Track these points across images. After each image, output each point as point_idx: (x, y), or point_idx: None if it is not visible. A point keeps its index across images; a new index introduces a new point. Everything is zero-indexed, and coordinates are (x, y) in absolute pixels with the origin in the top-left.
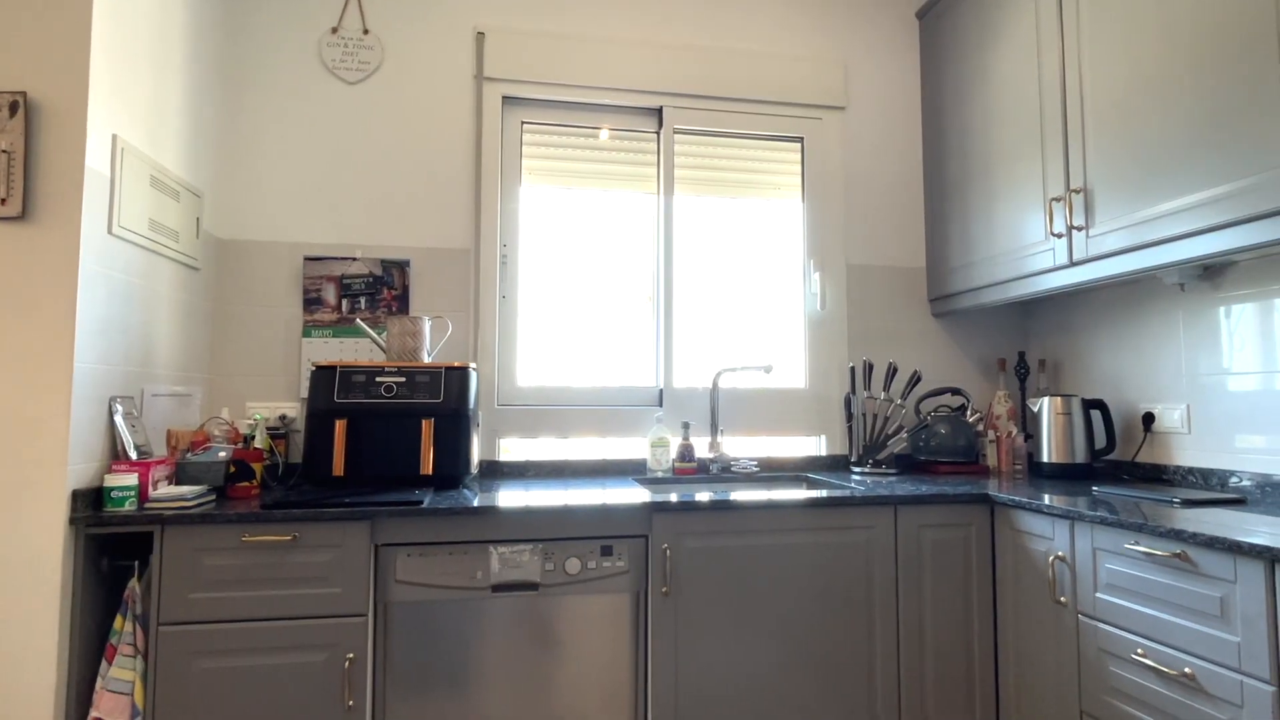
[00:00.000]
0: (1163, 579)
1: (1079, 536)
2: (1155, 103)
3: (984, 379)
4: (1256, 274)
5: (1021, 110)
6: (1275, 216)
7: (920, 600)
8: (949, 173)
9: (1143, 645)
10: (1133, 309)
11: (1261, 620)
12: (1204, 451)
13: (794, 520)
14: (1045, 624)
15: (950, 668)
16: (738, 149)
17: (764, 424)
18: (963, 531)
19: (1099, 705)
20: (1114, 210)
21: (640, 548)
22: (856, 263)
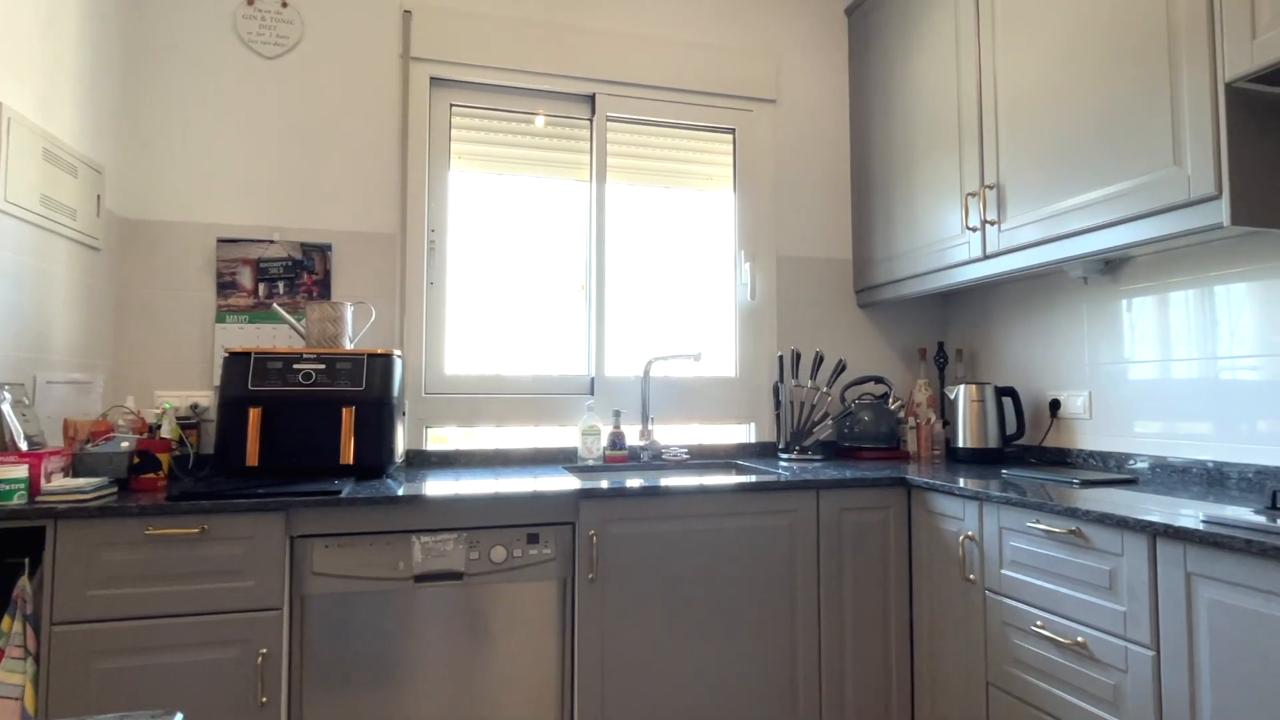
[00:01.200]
0: (1060, 555)
1: (987, 517)
2: (1060, 104)
3: (906, 368)
4: (1153, 268)
5: (941, 108)
6: (1166, 213)
7: (840, 580)
8: (874, 167)
9: (1041, 617)
10: (1042, 301)
11: (1144, 590)
12: (1104, 436)
13: (720, 505)
14: (956, 601)
15: (868, 645)
16: (671, 139)
17: (695, 412)
18: (881, 514)
19: (1002, 676)
20: (1024, 205)
21: (567, 535)
22: (786, 254)
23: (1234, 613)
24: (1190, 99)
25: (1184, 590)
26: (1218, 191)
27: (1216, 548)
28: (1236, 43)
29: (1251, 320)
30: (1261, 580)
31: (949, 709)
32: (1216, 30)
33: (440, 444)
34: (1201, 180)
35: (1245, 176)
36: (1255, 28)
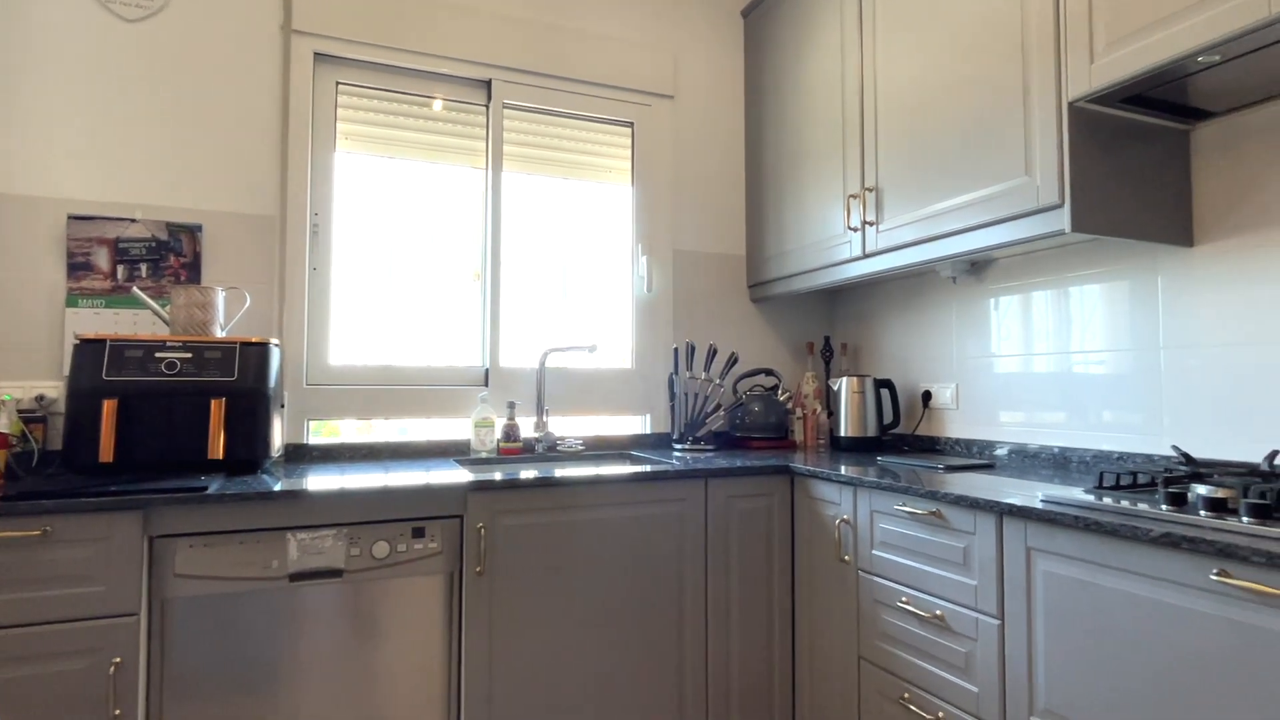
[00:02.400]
0: (923, 535)
1: (860, 501)
2: (932, 113)
3: (795, 361)
4: (1015, 270)
5: (828, 111)
6: (1020, 219)
7: (728, 565)
8: (767, 166)
9: (907, 594)
10: (916, 299)
11: (992, 565)
12: (970, 424)
13: (610, 495)
14: (832, 581)
15: (753, 627)
16: (570, 129)
17: (592, 403)
18: (766, 501)
19: (873, 650)
20: (899, 207)
21: (455, 528)
22: (683, 248)
23: (1064, 582)
24: (1039, 114)
25: (1025, 563)
26: (1061, 201)
27: (1051, 524)
28: (1078, 66)
29: (1100, 319)
30: (1086, 552)
31: (826, 685)
32: (1061, 53)
33: (325, 437)
34: (1048, 190)
35: (1085, 188)
36: (1093, 53)
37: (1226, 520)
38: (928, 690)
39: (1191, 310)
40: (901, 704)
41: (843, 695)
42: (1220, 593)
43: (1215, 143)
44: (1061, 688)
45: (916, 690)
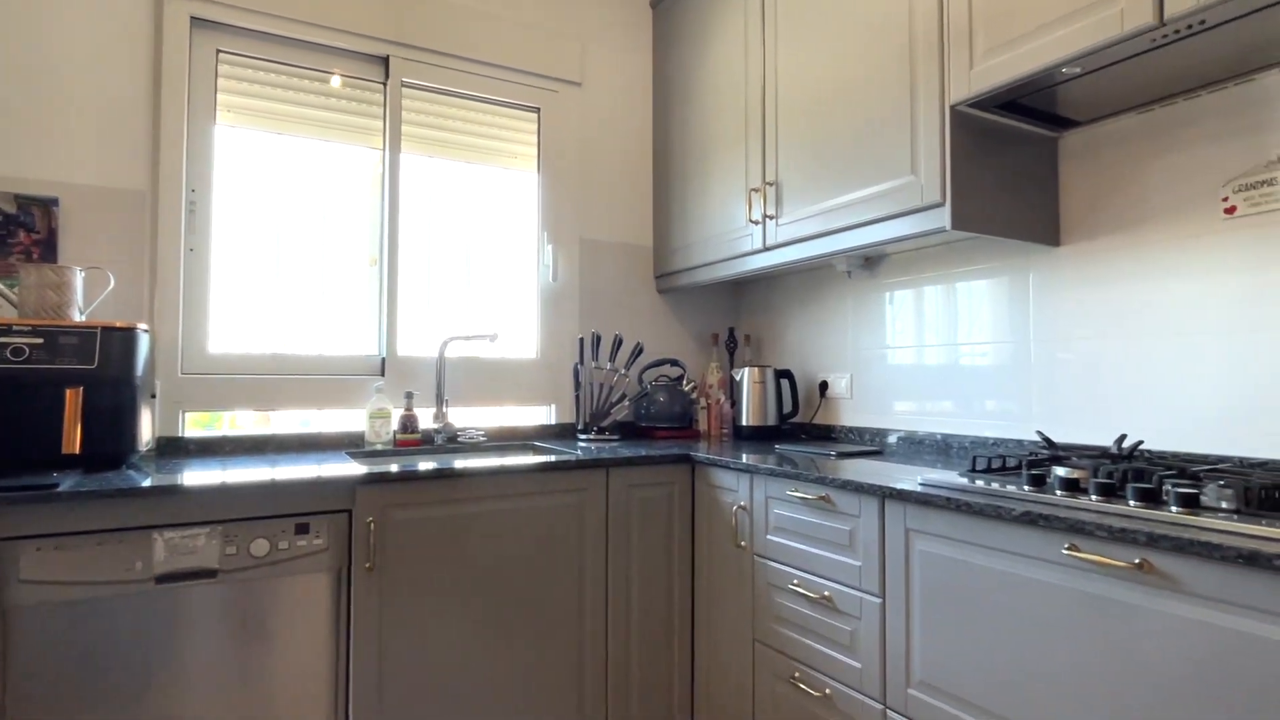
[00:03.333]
0: (813, 519)
1: (756, 488)
2: (830, 109)
3: (700, 351)
4: (907, 265)
5: (731, 106)
6: (906, 216)
7: (629, 554)
8: (673, 157)
9: (798, 576)
10: (814, 292)
11: (875, 545)
12: (863, 413)
13: (509, 486)
14: (729, 566)
15: (653, 614)
16: (474, 112)
17: (495, 393)
18: (667, 489)
19: (767, 633)
20: (798, 202)
21: (342, 523)
22: (590, 238)
23: (939, 560)
24: (924, 116)
25: (904, 543)
26: (942, 199)
27: (927, 506)
28: (958, 71)
29: (981, 313)
30: (958, 531)
31: (723, 669)
32: (945, 59)
33: (204, 429)
34: (931, 189)
35: (964, 188)
36: (973, 59)
37: (1079, 499)
38: (816, 668)
39: (1058, 306)
40: (792, 683)
41: (738, 679)
42: (1071, 565)
43: (1079, 150)
44: (935, 660)
45: (806, 669)
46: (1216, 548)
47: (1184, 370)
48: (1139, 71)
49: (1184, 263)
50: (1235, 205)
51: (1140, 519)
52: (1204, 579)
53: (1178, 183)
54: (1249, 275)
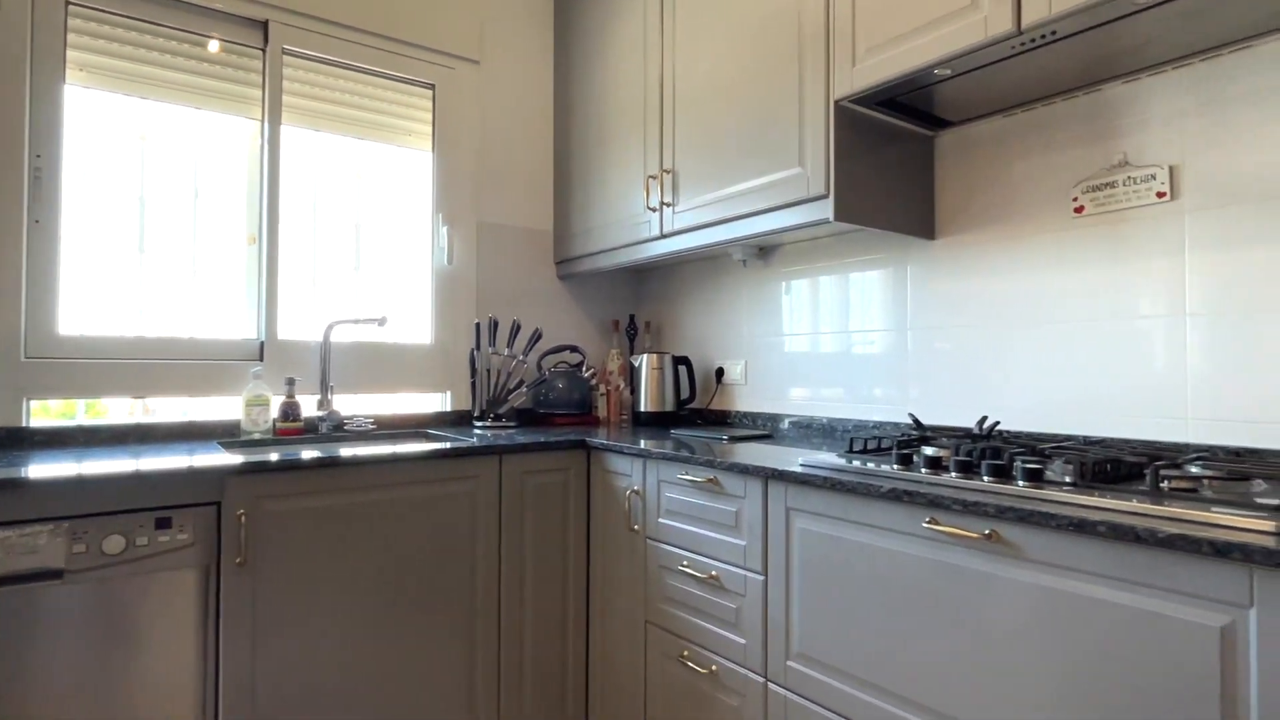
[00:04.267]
0: (702, 501)
1: (649, 472)
2: (725, 99)
3: (601, 338)
4: (800, 255)
5: (631, 92)
6: (794, 207)
7: (522, 541)
8: (574, 142)
9: (687, 558)
10: (712, 280)
11: (759, 525)
12: (758, 398)
13: (395, 475)
14: (623, 550)
15: (547, 601)
16: (365, 86)
17: (387, 380)
18: (562, 476)
19: (658, 614)
20: (693, 190)
21: (210, 517)
22: (488, 221)
23: (816, 537)
24: (810, 110)
25: (785, 522)
26: (826, 192)
27: (806, 486)
28: (842, 68)
29: (868, 303)
30: (833, 509)
31: (616, 652)
32: (830, 55)
33: (55, 419)
34: (816, 181)
35: (847, 181)
36: (855, 56)
37: (940, 476)
38: (704, 646)
39: (932, 296)
40: (681, 662)
41: (630, 661)
42: (930, 538)
43: (953, 149)
44: (812, 632)
45: (695, 647)
46: (1051, 517)
47: (1041, 357)
48: (1003, 77)
49: (1040, 257)
50: (1084, 205)
51: (991, 493)
52: (1041, 546)
53: (1036, 183)
54: (1095, 270)
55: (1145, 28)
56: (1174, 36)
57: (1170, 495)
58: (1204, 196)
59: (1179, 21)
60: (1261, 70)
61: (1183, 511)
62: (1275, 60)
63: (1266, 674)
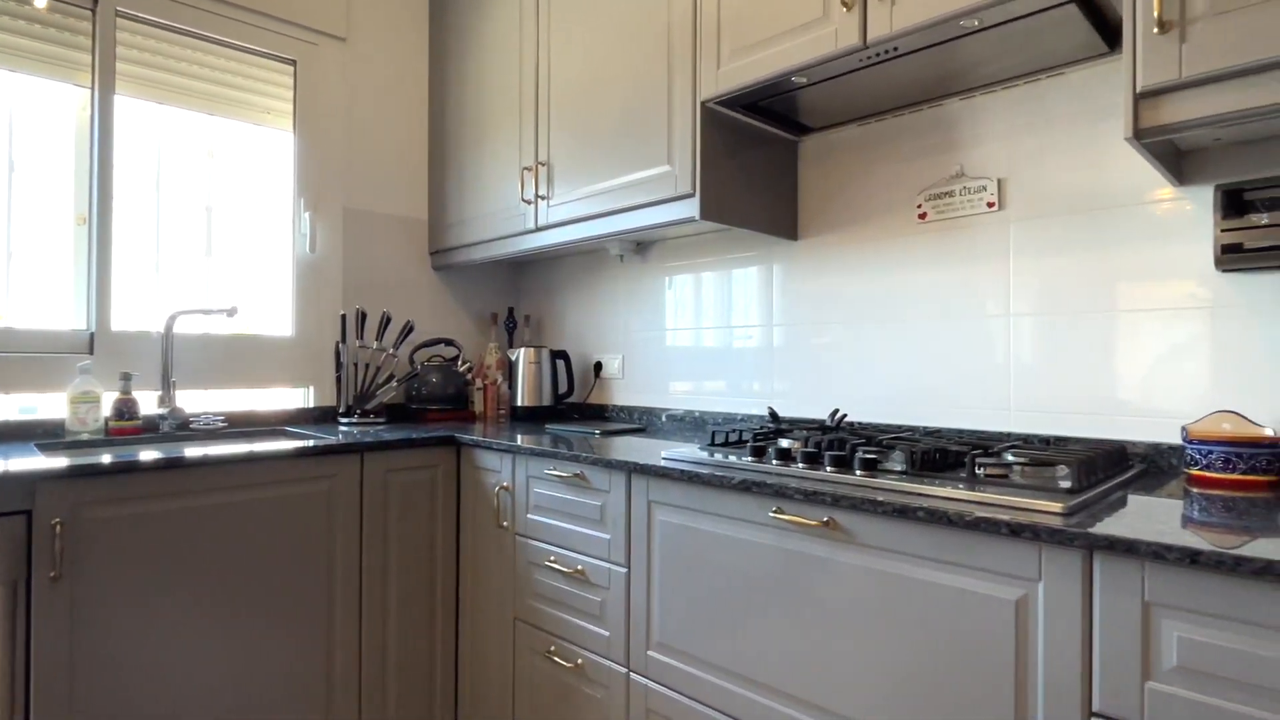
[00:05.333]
0: (569, 496)
1: (518, 467)
2: (598, 94)
3: (479, 331)
4: (675, 251)
5: (507, 82)
6: (663, 204)
7: (386, 541)
8: (450, 129)
9: (555, 553)
10: (591, 274)
11: (622, 519)
12: (635, 393)
13: (242, 476)
14: (492, 547)
15: (414, 602)
16: (217, 58)
17: (242, 375)
18: (430, 473)
19: (526, 610)
20: (568, 184)
21: (18, 527)
22: (356, 207)
23: (675, 529)
24: (678, 110)
25: (646, 515)
26: (693, 190)
27: (666, 478)
28: (708, 70)
29: (741, 299)
30: (690, 500)
31: (485, 650)
32: (697, 57)
33: None
34: (684, 180)
35: (713, 181)
36: (720, 60)
37: (789, 467)
38: (570, 640)
39: (795, 294)
40: (548, 657)
41: (499, 659)
42: (777, 527)
43: (814, 154)
44: (671, 621)
45: (561, 642)
46: (879, 504)
47: (890, 352)
48: (857, 88)
49: (891, 259)
50: (926, 212)
51: (830, 483)
52: (872, 531)
53: (887, 189)
54: (936, 272)
55: (975, 50)
56: (1000, 60)
57: (984, 481)
58: (1025, 208)
59: (1002, 46)
60: (1071, 96)
61: (989, 496)
62: (1082, 88)
63: (1050, 640)
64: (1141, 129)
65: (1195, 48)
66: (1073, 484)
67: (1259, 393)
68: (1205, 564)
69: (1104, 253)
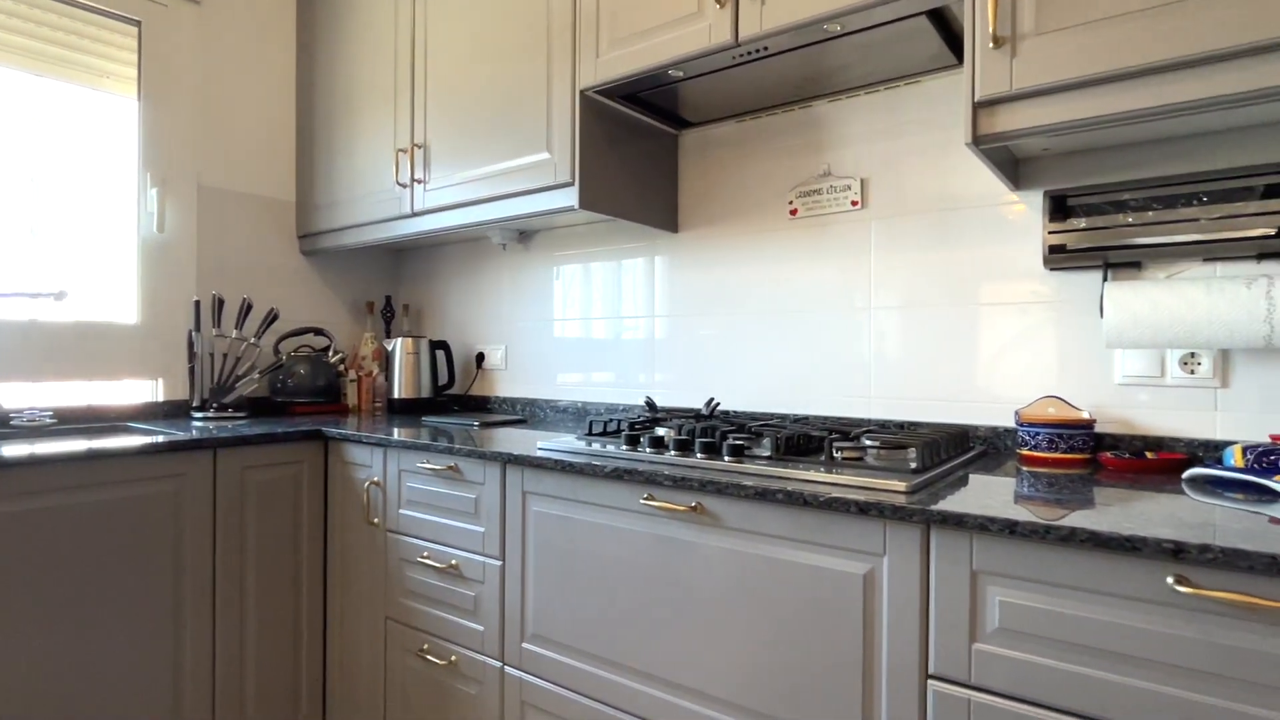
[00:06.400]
0: (442, 489)
1: (390, 461)
2: (478, 77)
3: (354, 321)
4: (560, 240)
5: (382, 57)
6: (543, 192)
7: (243, 542)
8: (320, 105)
9: (428, 548)
10: (474, 263)
11: (496, 511)
12: (519, 384)
13: (68, 478)
14: (362, 545)
15: (275, 605)
16: (45, 12)
17: (77, 366)
18: (295, 469)
19: (398, 609)
20: (446, 168)
21: None
22: (212, 185)
23: (549, 519)
24: (557, 97)
25: (521, 506)
26: (572, 179)
27: (540, 469)
28: (587, 58)
29: (628, 289)
30: (564, 490)
31: (356, 653)
32: (576, 44)
33: None
34: (563, 168)
35: (593, 171)
36: (599, 49)
37: (662, 455)
38: (443, 637)
39: (675, 285)
40: (421, 655)
41: (370, 660)
42: (648, 514)
43: (694, 148)
44: (545, 612)
45: (434, 640)
46: (742, 488)
47: (765, 343)
48: (734, 85)
49: (766, 252)
50: (797, 208)
51: (699, 469)
52: (737, 514)
53: (761, 185)
54: (806, 267)
55: (840, 55)
56: (863, 66)
57: (841, 464)
58: (886, 207)
59: (864, 53)
60: (926, 104)
61: (843, 478)
62: (935, 96)
63: (893, 610)
64: (979, 136)
65: (1024, 63)
66: (917, 465)
67: (1079, 379)
68: (1021, 533)
69: (954, 251)
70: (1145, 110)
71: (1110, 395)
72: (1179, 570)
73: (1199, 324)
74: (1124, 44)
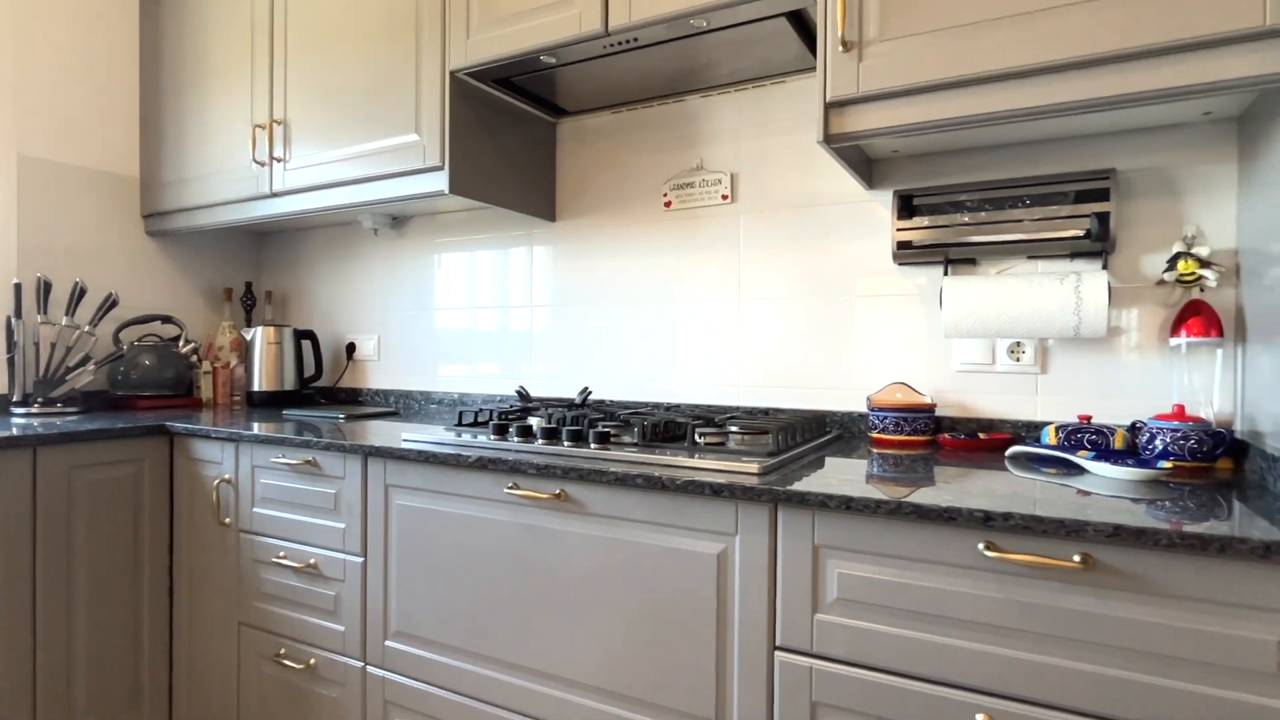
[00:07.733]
0: (300, 485)
1: (242, 457)
2: (344, 51)
3: (210, 308)
4: (438, 227)
5: (238, 20)
6: (411, 175)
7: (70, 550)
8: (165, 72)
9: (285, 548)
10: (344, 249)
11: (358, 505)
12: (393, 375)
13: None
14: (213, 547)
15: (110, 616)
16: None
17: None
18: (134, 468)
19: (252, 612)
20: (309, 146)
21: None
22: (35, 155)
23: (413, 512)
24: (427, 77)
25: (384, 500)
26: (442, 163)
27: (403, 461)
28: (457, 39)
29: (506, 279)
30: (428, 482)
31: (206, 662)
32: (446, 24)
33: None
34: (432, 151)
35: (465, 155)
36: (469, 29)
37: (530, 444)
38: (301, 640)
39: (554, 275)
40: (277, 661)
41: (222, 668)
42: (513, 503)
43: (571, 137)
44: (409, 608)
45: (292, 643)
46: (604, 474)
47: (639, 333)
48: (608, 75)
49: (641, 244)
50: (671, 200)
51: (564, 456)
52: (599, 501)
53: (636, 176)
54: (679, 258)
55: (709, 51)
56: (732, 63)
57: (704, 449)
58: (753, 202)
59: (731, 50)
60: (790, 102)
61: (703, 462)
62: (798, 96)
63: (745, 586)
64: (830, 135)
65: (869, 68)
66: (773, 448)
67: (924, 367)
68: (855, 509)
69: (817, 246)
70: (976, 116)
71: (950, 381)
72: (989, 537)
73: (1022, 316)
74: (957, 54)
